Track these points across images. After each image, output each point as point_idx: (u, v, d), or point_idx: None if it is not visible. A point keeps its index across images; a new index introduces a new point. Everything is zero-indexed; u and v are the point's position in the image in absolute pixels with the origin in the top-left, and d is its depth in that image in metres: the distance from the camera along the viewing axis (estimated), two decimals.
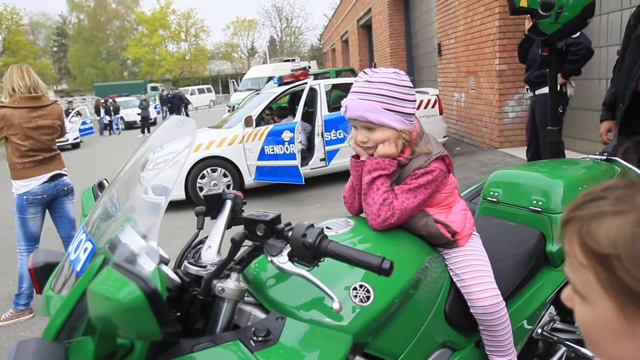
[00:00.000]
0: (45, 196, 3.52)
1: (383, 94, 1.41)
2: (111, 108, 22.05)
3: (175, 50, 49.65)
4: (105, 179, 1.56)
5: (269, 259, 1.13)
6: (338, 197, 3.15)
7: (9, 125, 3.37)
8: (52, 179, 3.54)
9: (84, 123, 19.52)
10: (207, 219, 1.42)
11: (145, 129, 19.62)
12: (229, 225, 1.40)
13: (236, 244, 1.17)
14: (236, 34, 53.77)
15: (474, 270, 1.50)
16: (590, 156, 2.27)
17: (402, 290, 1.31)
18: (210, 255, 1.31)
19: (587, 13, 2.40)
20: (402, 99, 1.42)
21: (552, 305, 1.84)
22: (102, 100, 22.71)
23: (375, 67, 1.58)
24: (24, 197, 3.45)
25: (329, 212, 5.70)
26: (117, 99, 23.56)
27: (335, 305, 1.06)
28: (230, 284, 1.16)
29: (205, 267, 1.25)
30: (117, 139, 19.81)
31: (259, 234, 1.14)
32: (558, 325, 1.83)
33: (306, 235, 1.08)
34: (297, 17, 73.38)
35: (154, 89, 36.57)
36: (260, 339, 1.09)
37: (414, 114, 1.47)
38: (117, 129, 22.28)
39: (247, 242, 1.21)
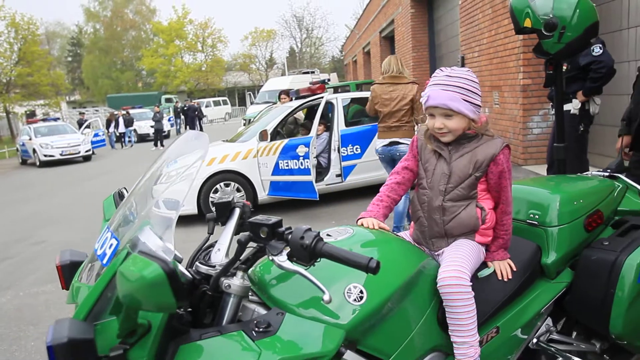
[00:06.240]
0: (383, 156, 5.10)
1: (461, 86, 1.75)
2: (124, 120, 22.77)
3: (191, 61, 50.62)
4: (125, 188, 1.79)
5: (270, 258, 1.34)
6: (354, 214, 3.31)
7: (373, 96, 5.05)
8: (390, 144, 4.95)
9: (96, 135, 20.27)
10: (217, 225, 1.65)
11: (159, 142, 20.17)
12: (237, 231, 1.62)
13: (242, 245, 1.39)
14: (254, 45, 54.58)
15: (454, 252, 1.75)
16: (594, 172, 2.44)
17: (394, 292, 1.50)
18: (219, 257, 1.53)
19: (590, 33, 2.58)
20: (475, 92, 1.77)
21: (549, 317, 2.00)
22: (115, 113, 23.40)
23: None
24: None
25: None
26: (131, 111, 24.25)
27: (325, 297, 1.27)
28: (236, 281, 1.38)
29: (214, 267, 1.47)
30: (129, 152, 20.43)
31: (262, 236, 1.36)
32: (555, 336, 1.99)
33: (304, 238, 1.30)
34: (318, 28, 74.50)
35: (168, 100, 37.09)
36: (261, 329, 1.30)
37: (481, 106, 1.81)
38: (130, 141, 22.94)
39: (252, 245, 1.43)
